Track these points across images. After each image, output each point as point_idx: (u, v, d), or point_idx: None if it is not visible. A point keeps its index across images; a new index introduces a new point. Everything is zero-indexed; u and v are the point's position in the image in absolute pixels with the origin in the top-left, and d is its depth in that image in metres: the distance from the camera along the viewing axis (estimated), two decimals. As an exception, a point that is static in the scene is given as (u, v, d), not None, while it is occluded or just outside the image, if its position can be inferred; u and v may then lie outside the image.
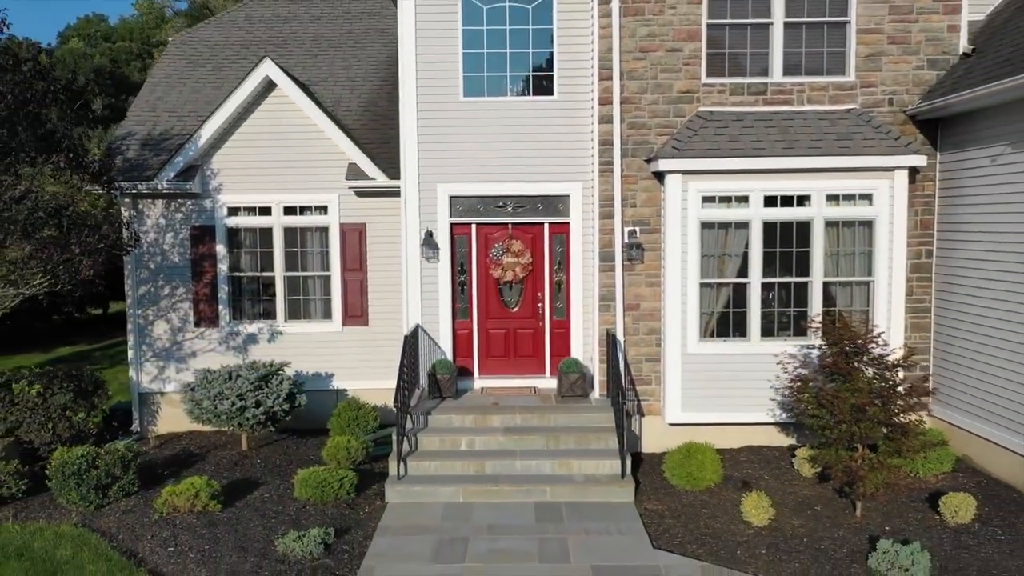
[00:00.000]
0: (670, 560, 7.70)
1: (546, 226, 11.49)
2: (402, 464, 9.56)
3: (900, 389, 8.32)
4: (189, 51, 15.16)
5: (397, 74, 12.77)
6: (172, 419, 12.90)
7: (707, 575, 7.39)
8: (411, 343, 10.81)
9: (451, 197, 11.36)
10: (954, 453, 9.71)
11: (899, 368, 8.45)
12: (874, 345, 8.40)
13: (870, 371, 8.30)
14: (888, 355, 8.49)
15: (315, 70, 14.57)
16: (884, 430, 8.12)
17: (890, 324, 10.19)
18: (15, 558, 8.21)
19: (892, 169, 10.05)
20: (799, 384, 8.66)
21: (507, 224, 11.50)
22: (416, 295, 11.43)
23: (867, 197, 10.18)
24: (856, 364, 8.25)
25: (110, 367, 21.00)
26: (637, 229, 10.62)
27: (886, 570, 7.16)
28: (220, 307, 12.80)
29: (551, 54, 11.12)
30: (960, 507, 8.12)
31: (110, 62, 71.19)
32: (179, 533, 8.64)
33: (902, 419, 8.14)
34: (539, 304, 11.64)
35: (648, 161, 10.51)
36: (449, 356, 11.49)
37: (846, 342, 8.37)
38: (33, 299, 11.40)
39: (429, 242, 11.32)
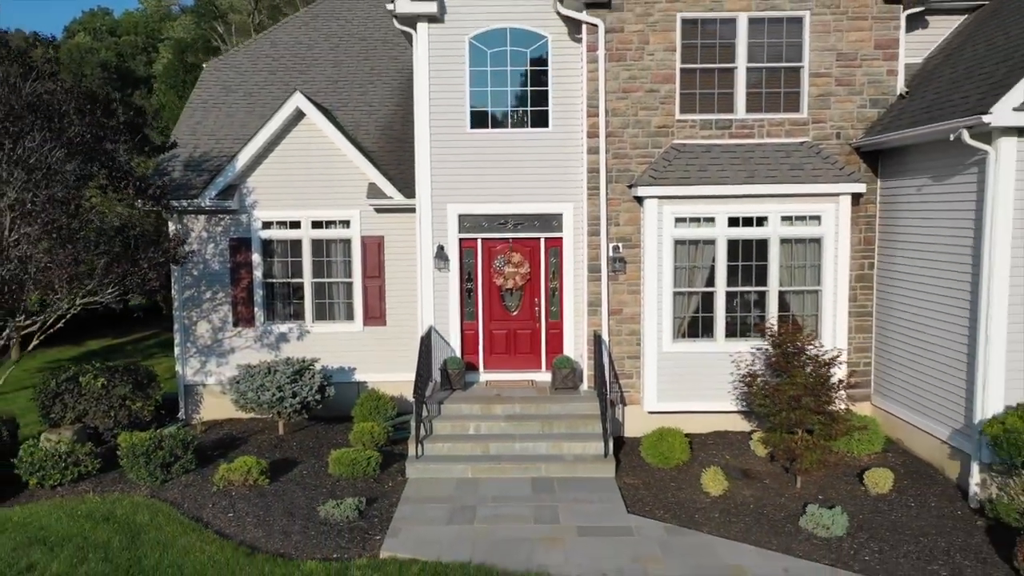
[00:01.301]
0: (640, 522, 9.47)
1: (542, 240, 13.21)
2: (420, 445, 11.33)
3: (833, 382, 10.06)
4: (222, 77, 16.84)
5: (410, 99, 14.54)
6: (213, 408, 14.67)
7: (669, 534, 9.16)
8: (426, 342, 12.56)
9: (460, 215, 13.08)
10: (884, 436, 11.48)
11: (832, 366, 10.19)
12: (811, 347, 10.14)
13: (808, 368, 10.04)
14: (822, 355, 10.24)
15: (336, 95, 16.24)
16: (816, 417, 9.86)
17: (835, 327, 11.92)
18: (103, 522, 9.97)
19: (837, 195, 11.76)
20: (749, 379, 10.43)
21: (508, 239, 13.22)
22: (429, 300, 13.16)
23: (816, 218, 11.89)
24: (795, 363, 9.99)
25: (143, 360, 22.79)
26: (620, 245, 12.34)
27: (812, 528, 8.93)
28: (255, 309, 14.54)
29: (547, 92, 12.81)
30: (880, 480, 9.88)
31: (116, 56, 72.51)
32: (236, 502, 10.41)
33: (832, 408, 9.88)
34: (536, 308, 13.38)
35: (630, 187, 12.22)
36: (458, 353, 13.24)
37: (787, 344, 10.11)
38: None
39: (440, 254, 13.04)
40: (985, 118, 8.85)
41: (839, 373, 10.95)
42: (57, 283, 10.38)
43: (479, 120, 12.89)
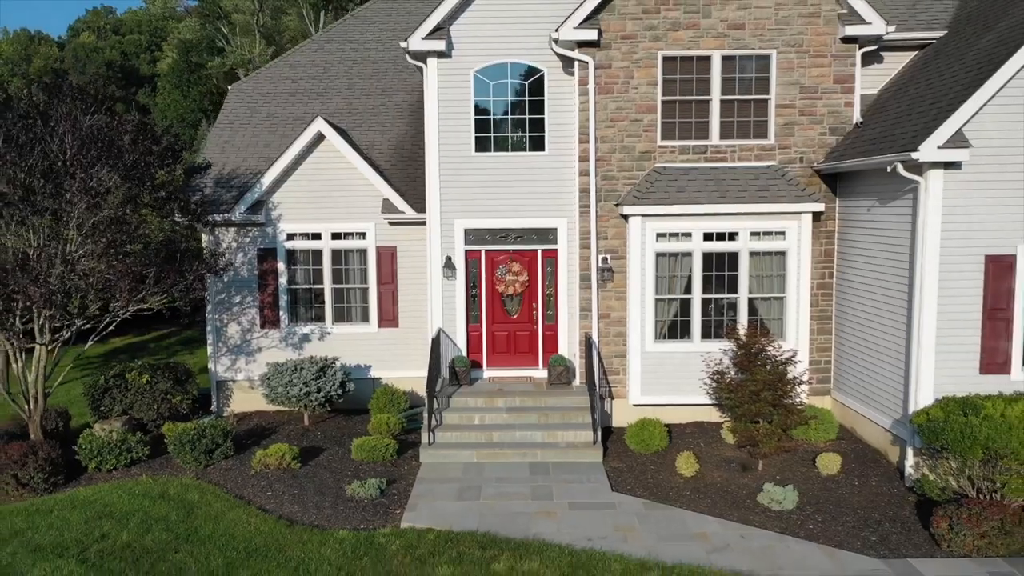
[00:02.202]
0: (622, 499, 11.05)
1: (539, 252, 14.76)
2: (431, 434, 12.91)
3: (790, 378, 11.64)
4: (246, 99, 18.37)
5: (420, 119, 16.09)
6: (242, 402, 16.25)
7: (646, 508, 10.75)
8: (435, 343, 14.13)
9: (466, 229, 14.63)
10: (839, 425, 13.08)
11: (788, 364, 11.77)
12: (770, 348, 11.72)
13: (768, 367, 11.61)
14: (780, 355, 11.82)
15: (351, 116, 17.77)
16: (774, 409, 11.44)
17: (798, 329, 13.49)
18: (159, 499, 11.56)
19: (799, 213, 13.32)
20: (718, 376, 12.01)
21: (509, 250, 14.77)
22: (438, 305, 14.72)
23: (781, 233, 13.45)
24: (756, 362, 11.57)
25: (167, 358, 24.36)
26: (608, 256, 13.90)
27: (768, 503, 10.52)
28: (281, 312, 16.10)
29: (543, 119, 14.35)
30: (830, 463, 11.46)
31: (120, 55, 73.69)
32: (272, 483, 12.00)
33: (788, 401, 11.46)
34: (534, 312, 14.95)
35: (617, 205, 13.77)
36: (464, 353, 14.81)
37: (751, 346, 11.68)
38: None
39: (448, 264, 14.60)
40: (914, 155, 10.41)
41: (796, 370, 12.50)
42: (119, 293, 11.94)
43: (483, 144, 14.43)
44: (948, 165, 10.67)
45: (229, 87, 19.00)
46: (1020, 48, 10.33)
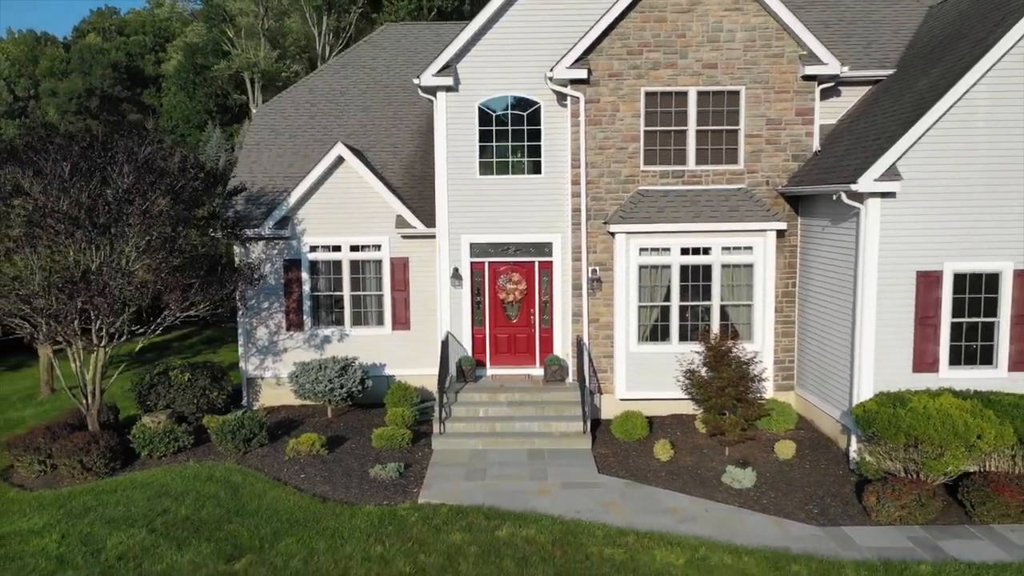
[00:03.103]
0: (607, 479, 12.90)
1: (536, 264, 16.59)
2: (442, 424, 14.76)
3: (752, 375, 13.48)
4: (270, 122, 20.18)
5: (429, 141, 17.88)
6: (270, 397, 18.09)
7: (627, 487, 12.60)
8: (444, 345, 15.97)
9: (471, 243, 16.45)
10: (798, 416, 14.94)
11: (750, 364, 13.61)
12: (735, 350, 13.55)
13: (732, 366, 13.45)
14: (743, 356, 13.66)
15: (365, 138, 19.58)
16: (737, 403, 13.27)
17: (764, 333, 15.32)
18: (208, 480, 13.40)
19: (765, 230, 15.14)
20: (691, 373, 13.85)
21: (510, 262, 16.60)
22: (447, 311, 16.55)
23: (749, 248, 15.28)
24: (723, 361, 13.41)
25: (192, 356, 26.22)
26: (597, 268, 15.72)
27: (730, 482, 12.38)
28: (304, 316, 17.94)
29: (539, 146, 16.16)
30: (785, 449, 13.31)
31: (125, 56, 75.13)
32: (304, 467, 13.85)
33: (749, 396, 13.30)
34: (532, 317, 16.78)
35: (604, 223, 15.59)
36: (470, 353, 16.64)
37: (719, 348, 13.52)
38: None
39: (456, 275, 16.43)
40: (854, 186, 12.24)
41: (757, 369, 14.33)
42: (172, 302, 13.79)
43: (486, 168, 16.25)
44: (884, 194, 12.49)
45: (254, 110, 20.94)
46: (943, 95, 12.15)
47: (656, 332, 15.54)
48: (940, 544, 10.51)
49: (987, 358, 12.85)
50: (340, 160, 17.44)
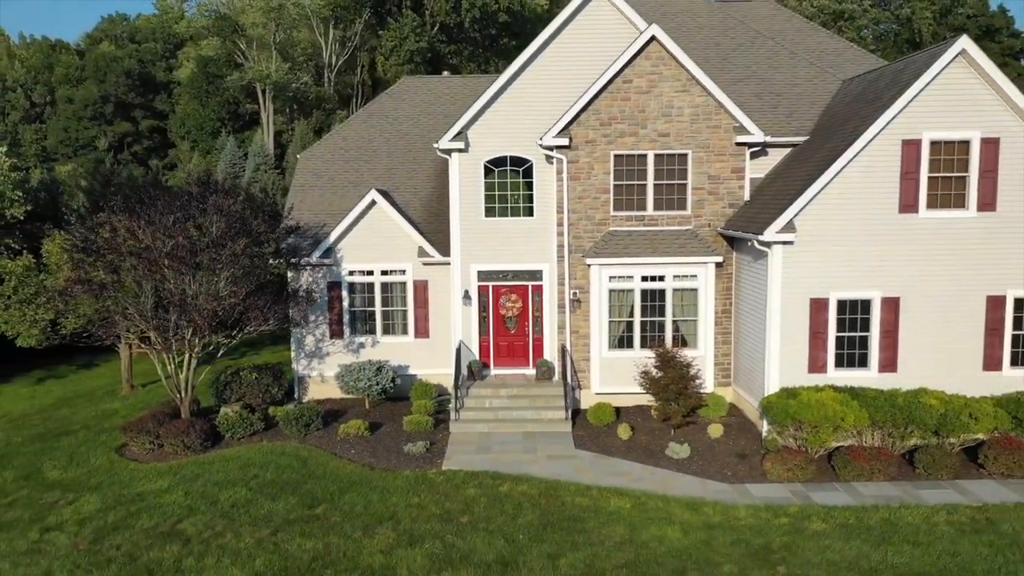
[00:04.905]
0: (581, 453, 17.35)
1: (530, 287, 21.01)
2: (456, 413, 19.20)
3: (691, 374, 17.93)
4: (311, 166, 24.58)
5: (444, 183, 22.28)
6: (316, 392, 22.52)
7: (596, 458, 17.03)
8: (458, 352, 20.41)
9: (478, 271, 20.87)
10: (730, 405, 19.40)
11: (690, 367, 18.03)
12: (680, 356, 17.99)
13: (677, 368, 17.87)
14: (684, 360, 18.08)
15: (390, 181, 23.97)
16: (679, 396, 17.70)
17: (706, 342, 19.74)
18: (281, 455, 17.79)
19: (706, 263, 19.55)
20: (644, 373, 18.30)
21: (509, 285, 21.02)
22: (459, 324, 20.98)
23: (695, 276, 19.69)
24: (669, 364, 17.83)
25: (238, 358, 30.66)
26: (577, 291, 20.15)
27: (671, 454, 16.82)
28: (344, 327, 22.35)
29: (532, 195, 20.57)
30: (715, 431, 17.75)
31: (138, 63, 78.90)
32: (353, 445, 18.28)
33: (688, 391, 17.74)
34: (526, 328, 21.21)
35: (583, 256, 20.00)
36: (477, 357, 21.07)
37: (666, 354, 17.94)
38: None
39: (466, 295, 20.85)
40: (761, 237, 16.66)
41: (695, 370, 18.74)
42: (253, 320, 18.25)
43: (490, 212, 20.65)
44: (785, 242, 16.90)
45: (298, 155, 25.20)
46: (828, 168, 16.55)
47: (622, 341, 19.96)
48: (810, 495, 14.98)
49: (863, 362, 17.30)
50: (373, 203, 21.84)
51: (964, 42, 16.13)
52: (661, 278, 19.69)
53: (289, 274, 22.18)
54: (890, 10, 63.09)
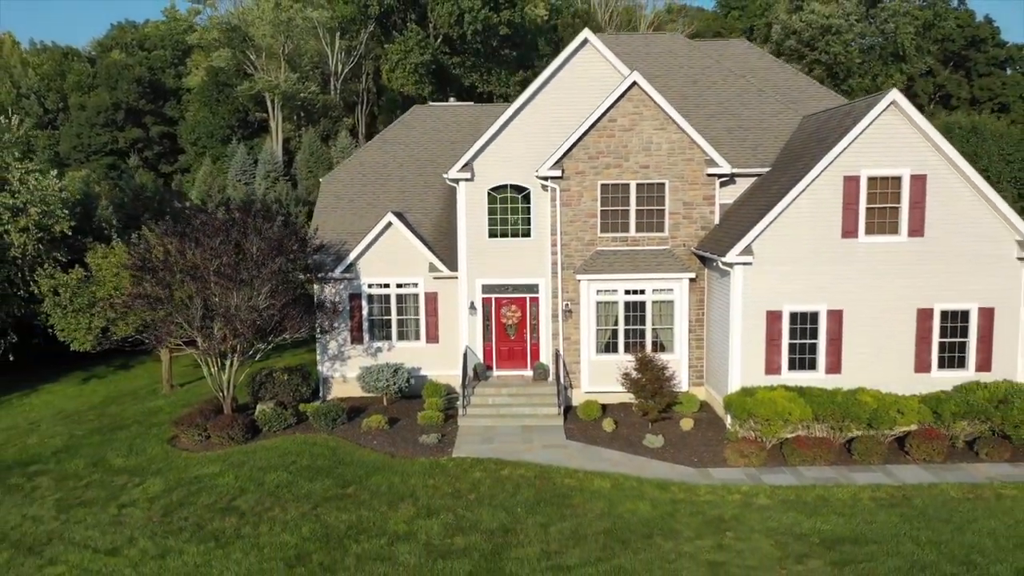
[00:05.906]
0: (571, 443, 20.25)
1: (528, 298, 23.91)
2: (464, 409, 22.11)
3: (667, 376, 20.83)
4: (333, 189, 27.49)
5: (451, 205, 25.18)
6: (338, 391, 25.44)
7: (584, 447, 19.93)
8: (465, 356, 23.32)
9: (482, 284, 23.78)
10: (702, 402, 22.30)
11: (665, 369, 20.92)
12: (657, 359, 20.89)
13: (653, 370, 20.75)
14: (660, 363, 20.98)
15: (404, 203, 26.86)
16: (655, 394, 20.60)
17: (681, 347, 22.64)
18: (312, 445, 20.70)
19: (681, 278, 22.45)
20: (626, 375, 21.21)
21: (509, 297, 23.91)
22: (465, 331, 23.89)
23: (671, 290, 22.58)
24: (647, 367, 20.73)
25: (265, 360, 33.55)
26: (568, 302, 23.05)
27: (647, 444, 19.70)
28: (364, 333, 25.26)
29: (530, 218, 23.47)
30: (686, 424, 20.65)
31: (148, 70, 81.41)
32: (375, 437, 21.20)
33: (664, 390, 20.65)
34: (524, 335, 24.11)
35: (574, 272, 22.90)
36: (482, 360, 23.98)
37: (644, 358, 20.85)
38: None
39: (472, 306, 23.75)
40: (724, 259, 19.56)
41: (670, 372, 21.62)
42: (290, 329, 21.18)
43: (493, 233, 23.56)
44: (745, 263, 19.79)
45: (321, 179, 28.12)
46: (783, 198, 19.42)
47: (608, 346, 22.86)
48: (761, 477, 17.88)
49: (813, 365, 20.20)
50: (389, 224, 24.75)
51: (894, 94, 19.02)
52: (642, 291, 22.57)
53: (315, 287, 25.08)
54: (875, 25, 65.89)
